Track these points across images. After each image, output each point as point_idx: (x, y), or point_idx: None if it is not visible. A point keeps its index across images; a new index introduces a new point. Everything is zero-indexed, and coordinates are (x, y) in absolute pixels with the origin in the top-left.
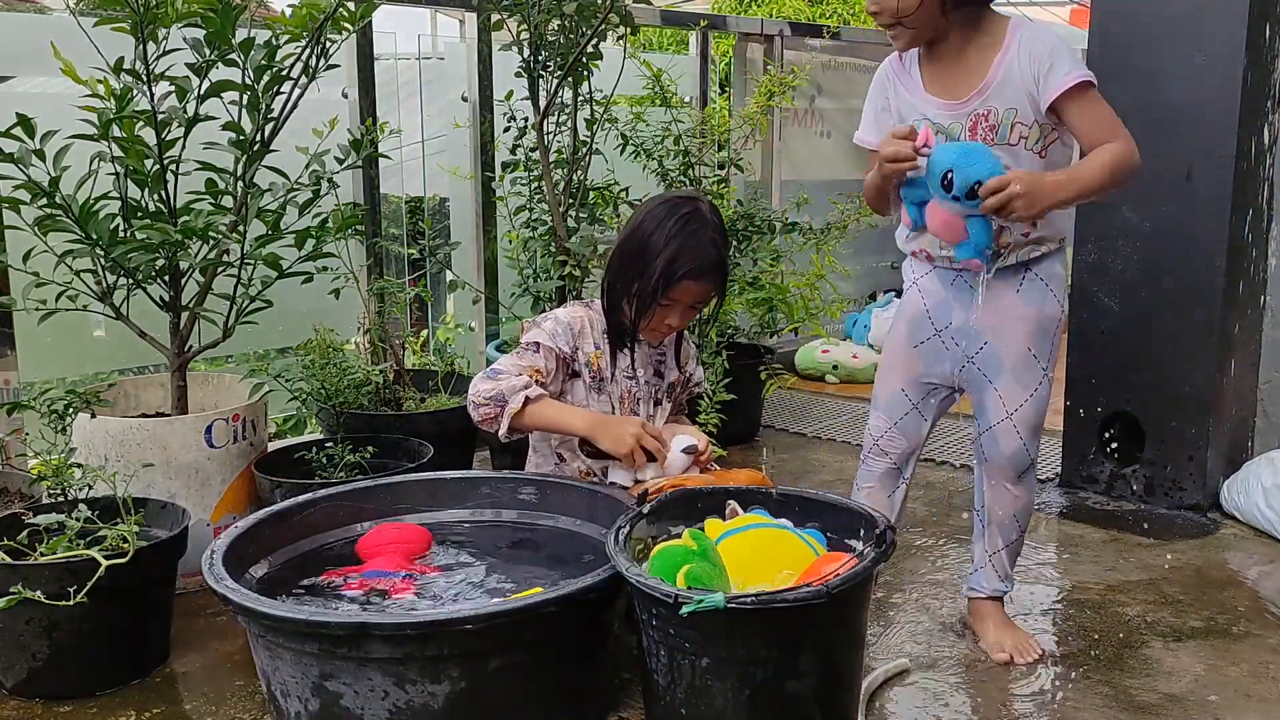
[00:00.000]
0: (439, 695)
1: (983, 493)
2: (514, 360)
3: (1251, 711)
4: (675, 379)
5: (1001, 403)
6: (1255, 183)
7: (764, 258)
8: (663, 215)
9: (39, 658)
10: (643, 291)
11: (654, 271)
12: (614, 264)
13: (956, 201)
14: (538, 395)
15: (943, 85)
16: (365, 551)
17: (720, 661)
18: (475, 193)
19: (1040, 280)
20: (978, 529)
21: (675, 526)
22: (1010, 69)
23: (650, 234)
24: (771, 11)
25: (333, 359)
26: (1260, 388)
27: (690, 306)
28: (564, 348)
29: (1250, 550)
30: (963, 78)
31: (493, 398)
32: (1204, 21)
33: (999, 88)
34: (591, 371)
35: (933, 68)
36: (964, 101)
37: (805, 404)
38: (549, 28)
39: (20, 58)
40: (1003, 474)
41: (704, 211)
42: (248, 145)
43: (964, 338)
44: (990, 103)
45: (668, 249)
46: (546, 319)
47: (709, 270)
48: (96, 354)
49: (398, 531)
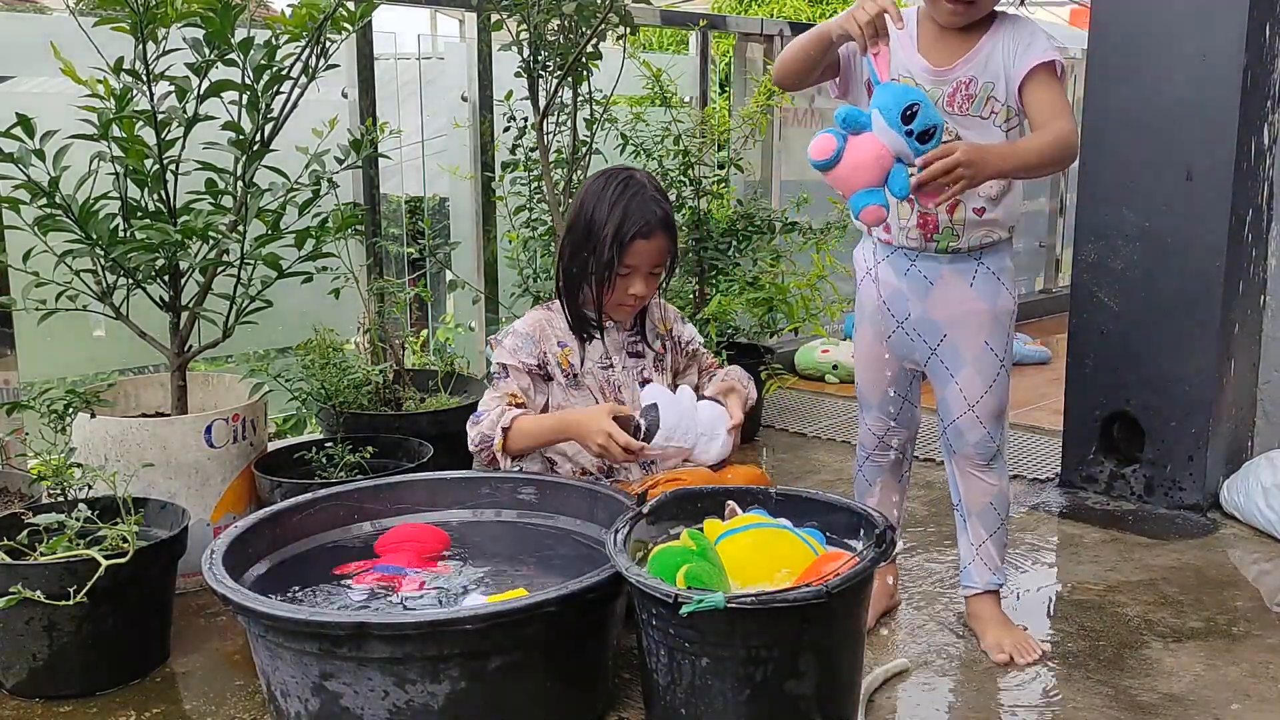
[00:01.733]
0: (439, 695)
1: (957, 486)
2: (490, 395)
3: (1251, 711)
4: (659, 350)
5: (963, 396)
6: (1255, 183)
7: (764, 258)
8: (600, 188)
9: (39, 658)
10: (599, 266)
11: (605, 241)
12: (565, 250)
13: (907, 138)
14: (510, 421)
15: (932, 50)
16: (382, 549)
17: (720, 661)
18: (475, 193)
19: (992, 274)
20: (960, 524)
21: (674, 527)
22: (995, 45)
23: (593, 209)
24: (771, 11)
25: (333, 359)
26: (1260, 388)
27: (650, 273)
28: (528, 360)
29: (1250, 550)
30: (953, 47)
31: (481, 442)
32: (1204, 21)
33: (984, 60)
34: (563, 370)
35: (927, 33)
36: (950, 69)
37: (805, 404)
38: (549, 28)
39: (20, 58)
40: (971, 463)
41: (639, 177)
42: (247, 145)
43: (923, 329)
44: (973, 73)
45: (612, 216)
46: (506, 335)
47: (657, 226)
48: (96, 354)
49: (414, 530)
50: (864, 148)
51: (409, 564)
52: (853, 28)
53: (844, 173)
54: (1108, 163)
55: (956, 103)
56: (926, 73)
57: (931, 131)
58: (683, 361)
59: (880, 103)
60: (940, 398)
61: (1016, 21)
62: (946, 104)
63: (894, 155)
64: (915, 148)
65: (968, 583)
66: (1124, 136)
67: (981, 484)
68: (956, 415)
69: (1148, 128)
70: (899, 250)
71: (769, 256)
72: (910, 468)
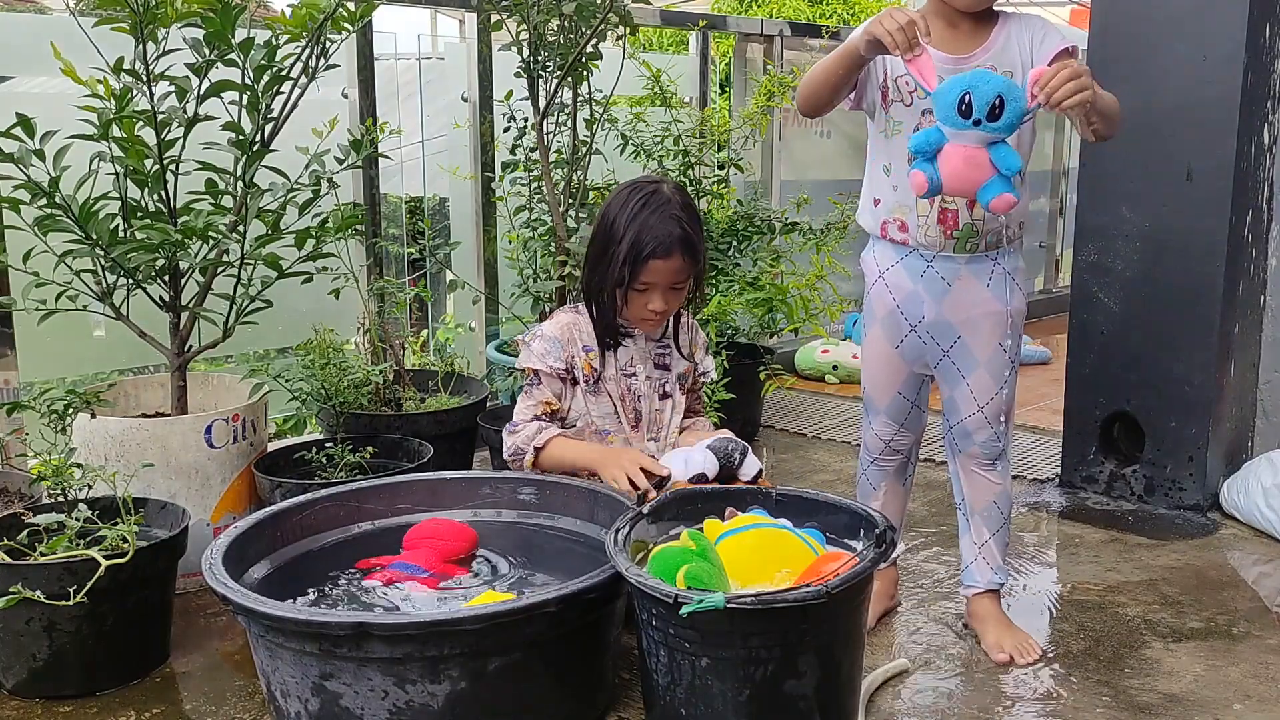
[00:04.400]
0: (439, 695)
1: (961, 486)
2: (523, 404)
3: (1251, 712)
4: (686, 369)
5: (973, 396)
6: (1255, 183)
7: (764, 258)
8: (624, 200)
9: (39, 658)
10: (614, 281)
11: (620, 257)
12: (588, 259)
13: (977, 127)
14: (545, 441)
15: (946, 42)
16: (409, 544)
17: (720, 661)
18: (475, 193)
19: (1007, 274)
20: (962, 524)
21: (674, 527)
22: (1010, 36)
23: (614, 221)
24: (771, 11)
25: (333, 359)
26: (1260, 388)
27: (670, 288)
28: (556, 365)
29: (1250, 550)
30: (965, 38)
31: (513, 454)
32: (1204, 21)
33: (1001, 49)
34: (585, 375)
35: (938, 27)
36: (968, 56)
37: (805, 404)
38: (548, 28)
39: (20, 58)
40: (977, 463)
41: (665, 191)
42: (248, 145)
43: (937, 332)
44: (991, 61)
45: (629, 231)
46: (535, 339)
47: (674, 246)
48: (96, 354)
49: (441, 527)
50: (952, 160)
51: (425, 563)
52: (885, 37)
53: (953, 187)
54: (1108, 163)
55: None
56: (944, 61)
57: (997, 106)
58: (689, 383)
59: (940, 114)
60: (948, 398)
61: (1023, 16)
62: None
63: (981, 148)
64: (992, 129)
65: (969, 581)
66: (1124, 137)
67: (986, 483)
68: (965, 415)
69: (1148, 128)
70: (914, 252)
71: (769, 257)
72: (915, 470)
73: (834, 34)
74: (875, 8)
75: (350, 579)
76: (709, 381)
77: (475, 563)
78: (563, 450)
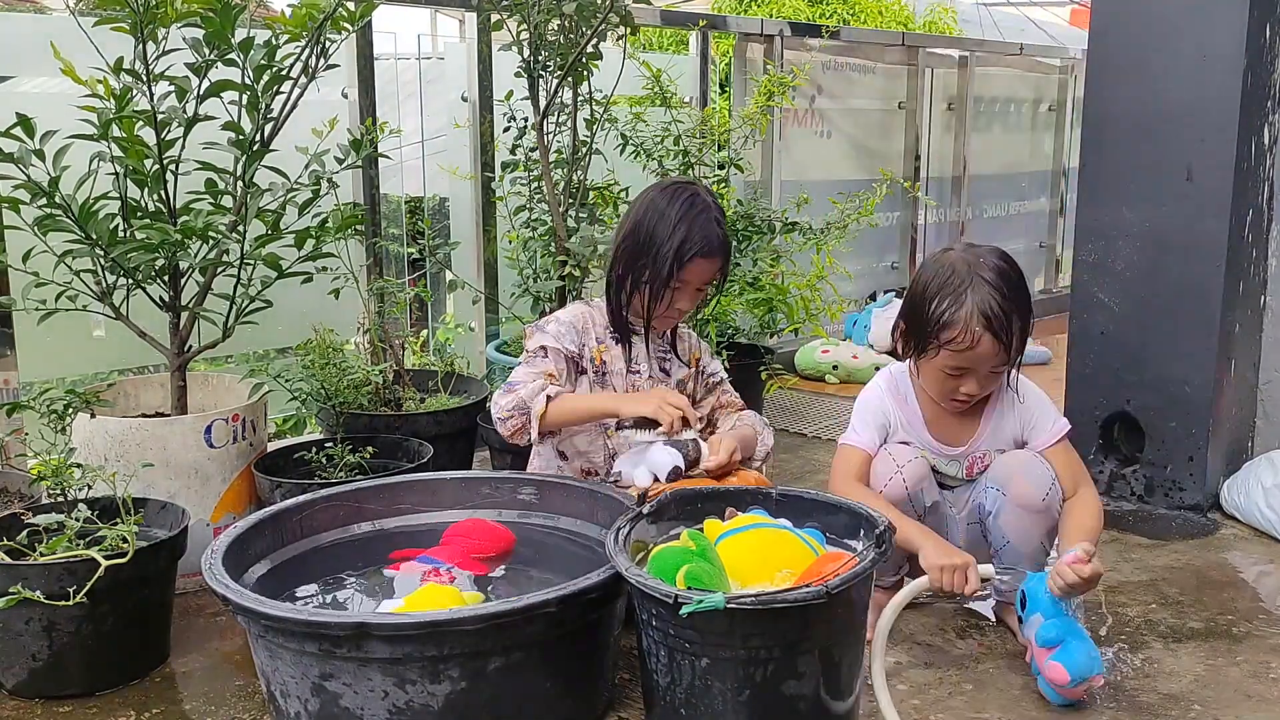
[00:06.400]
0: (439, 695)
1: (1001, 531)
2: (526, 370)
3: (1252, 712)
4: (684, 375)
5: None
6: (1255, 183)
7: (764, 258)
8: (664, 203)
9: (39, 658)
10: (655, 278)
11: (666, 256)
12: (622, 257)
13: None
14: (557, 393)
15: (941, 430)
16: (445, 539)
17: (720, 662)
18: (475, 193)
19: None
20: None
21: (674, 527)
22: (999, 421)
23: (655, 222)
24: (771, 11)
25: (333, 359)
26: (1260, 388)
27: (698, 288)
28: (570, 347)
29: (1250, 550)
30: (957, 427)
31: (515, 407)
32: (1204, 21)
33: (992, 435)
34: (595, 366)
35: (929, 406)
36: (964, 446)
37: (805, 404)
38: (549, 28)
39: (20, 58)
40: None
41: (702, 194)
42: (247, 145)
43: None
44: (985, 447)
45: (677, 232)
46: (549, 321)
47: (718, 247)
48: (96, 354)
49: (474, 527)
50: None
51: (450, 559)
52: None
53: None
54: (1108, 163)
55: (975, 472)
56: (941, 453)
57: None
58: (701, 391)
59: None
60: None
61: (1018, 406)
62: (965, 473)
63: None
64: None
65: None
66: (1124, 137)
67: (1028, 518)
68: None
69: (1147, 128)
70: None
71: (769, 257)
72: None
73: (834, 34)
74: (875, 8)
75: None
76: (724, 379)
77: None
78: (575, 400)
